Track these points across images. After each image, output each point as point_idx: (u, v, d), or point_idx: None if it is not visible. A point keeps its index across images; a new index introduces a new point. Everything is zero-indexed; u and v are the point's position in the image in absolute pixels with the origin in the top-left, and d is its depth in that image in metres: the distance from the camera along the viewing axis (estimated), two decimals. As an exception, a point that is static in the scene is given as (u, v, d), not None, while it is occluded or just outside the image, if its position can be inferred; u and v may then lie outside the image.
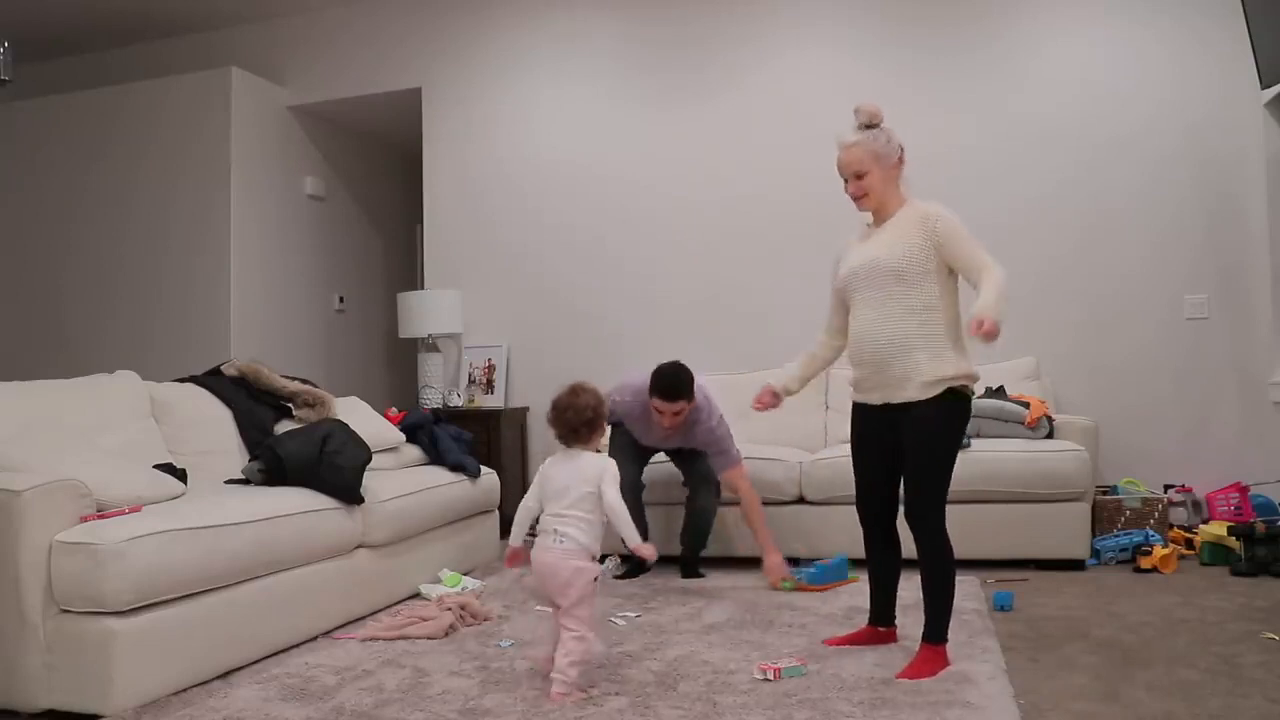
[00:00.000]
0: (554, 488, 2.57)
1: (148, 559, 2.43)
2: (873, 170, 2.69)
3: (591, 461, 2.58)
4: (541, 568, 2.51)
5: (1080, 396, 4.76)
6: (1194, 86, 4.69)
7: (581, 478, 2.55)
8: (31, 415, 2.98)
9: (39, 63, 6.78)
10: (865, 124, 2.71)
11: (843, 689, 2.46)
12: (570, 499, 2.53)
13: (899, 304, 2.64)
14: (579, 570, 2.49)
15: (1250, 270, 4.59)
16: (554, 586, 2.50)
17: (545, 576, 2.51)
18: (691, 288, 5.42)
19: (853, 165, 2.71)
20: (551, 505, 2.56)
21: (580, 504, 2.53)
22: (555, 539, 2.52)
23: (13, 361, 6.10)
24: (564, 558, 2.49)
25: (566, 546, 2.51)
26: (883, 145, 2.69)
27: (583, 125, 5.66)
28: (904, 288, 2.63)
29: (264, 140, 6.06)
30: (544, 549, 2.53)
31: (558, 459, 2.62)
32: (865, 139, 2.69)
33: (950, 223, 2.64)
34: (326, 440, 3.32)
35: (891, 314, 2.64)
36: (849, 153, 2.71)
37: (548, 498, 2.58)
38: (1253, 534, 3.71)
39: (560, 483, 2.56)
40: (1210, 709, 2.27)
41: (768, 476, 4.15)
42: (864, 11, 5.17)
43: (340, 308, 6.71)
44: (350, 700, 2.49)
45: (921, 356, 2.61)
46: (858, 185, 2.72)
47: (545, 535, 2.54)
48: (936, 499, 2.63)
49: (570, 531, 2.51)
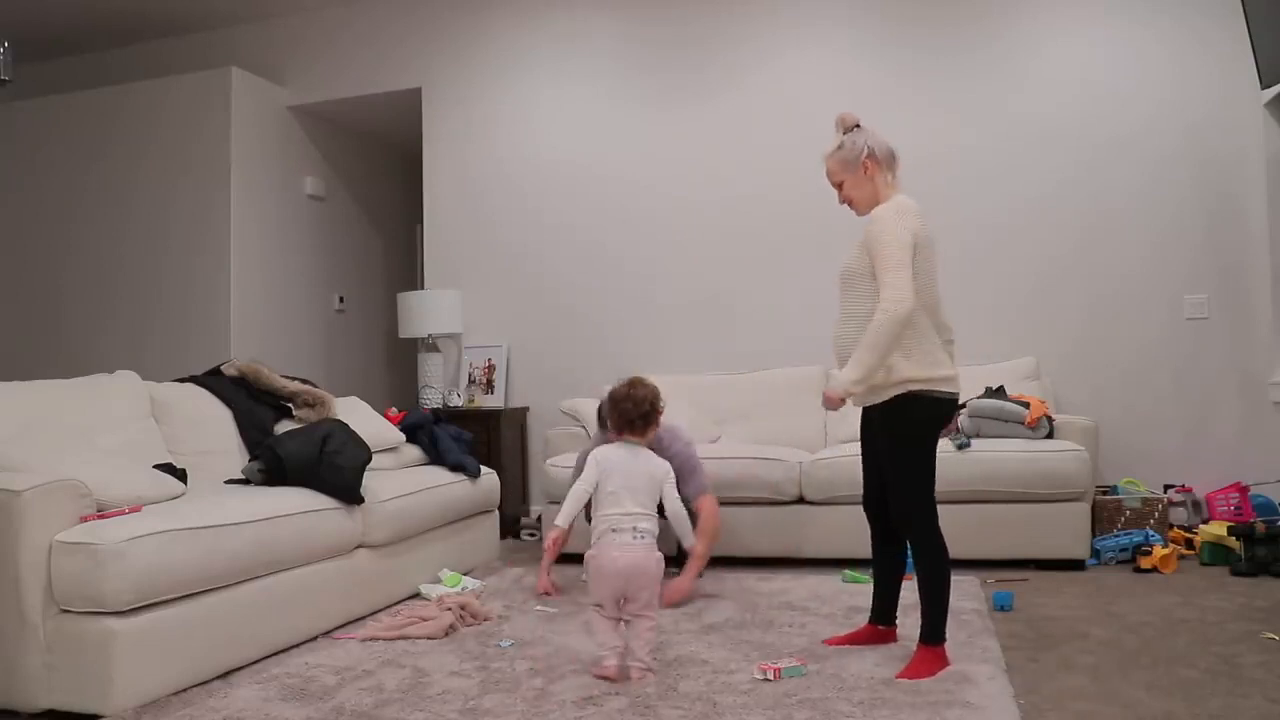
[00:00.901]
0: (622, 482, 2.55)
1: (148, 559, 2.43)
2: (845, 178, 2.75)
3: (655, 460, 2.61)
4: (626, 566, 2.47)
5: (1080, 396, 4.76)
6: (1194, 86, 4.69)
7: (650, 476, 2.57)
8: (31, 415, 2.98)
9: (39, 63, 6.78)
10: (842, 132, 2.77)
11: (843, 689, 2.45)
12: (643, 495, 2.55)
13: (851, 309, 2.68)
14: (660, 563, 2.54)
15: (1250, 270, 4.59)
16: (639, 583, 2.47)
17: (629, 575, 2.47)
18: (691, 288, 5.42)
19: (830, 176, 2.79)
20: (620, 501, 2.53)
21: (650, 501, 2.56)
22: (635, 535, 2.50)
23: (13, 361, 6.10)
24: (649, 553, 2.50)
25: (649, 542, 2.51)
26: (848, 151, 2.72)
27: (583, 125, 5.66)
28: (855, 293, 2.67)
29: (264, 140, 6.06)
30: (625, 546, 2.49)
31: (614, 450, 2.60)
32: (835, 149, 2.75)
33: (876, 225, 2.61)
34: (326, 440, 3.32)
35: (844, 318, 2.69)
36: (827, 164, 2.79)
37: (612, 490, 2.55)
38: (1253, 534, 3.71)
39: (627, 478, 2.55)
40: (1210, 709, 2.27)
41: (768, 476, 4.15)
42: (864, 12, 5.17)
43: (340, 308, 6.71)
44: (350, 700, 2.48)
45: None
46: (840, 195, 2.79)
47: (622, 533, 2.51)
48: (916, 500, 2.61)
49: (648, 527, 2.53)
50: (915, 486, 2.62)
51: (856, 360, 2.53)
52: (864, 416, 2.82)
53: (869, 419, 2.78)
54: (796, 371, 4.94)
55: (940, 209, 4.95)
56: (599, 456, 2.61)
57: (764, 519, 4.19)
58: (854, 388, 2.54)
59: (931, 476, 2.64)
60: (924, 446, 2.62)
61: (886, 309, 2.51)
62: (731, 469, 4.20)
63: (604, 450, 2.61)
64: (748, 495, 4.18)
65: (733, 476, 4.19)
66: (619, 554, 2.48)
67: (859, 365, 2.53)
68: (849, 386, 2.54)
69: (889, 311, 2.51)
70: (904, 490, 2.63)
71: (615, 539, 2.49)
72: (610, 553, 2.49)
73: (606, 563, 2.48)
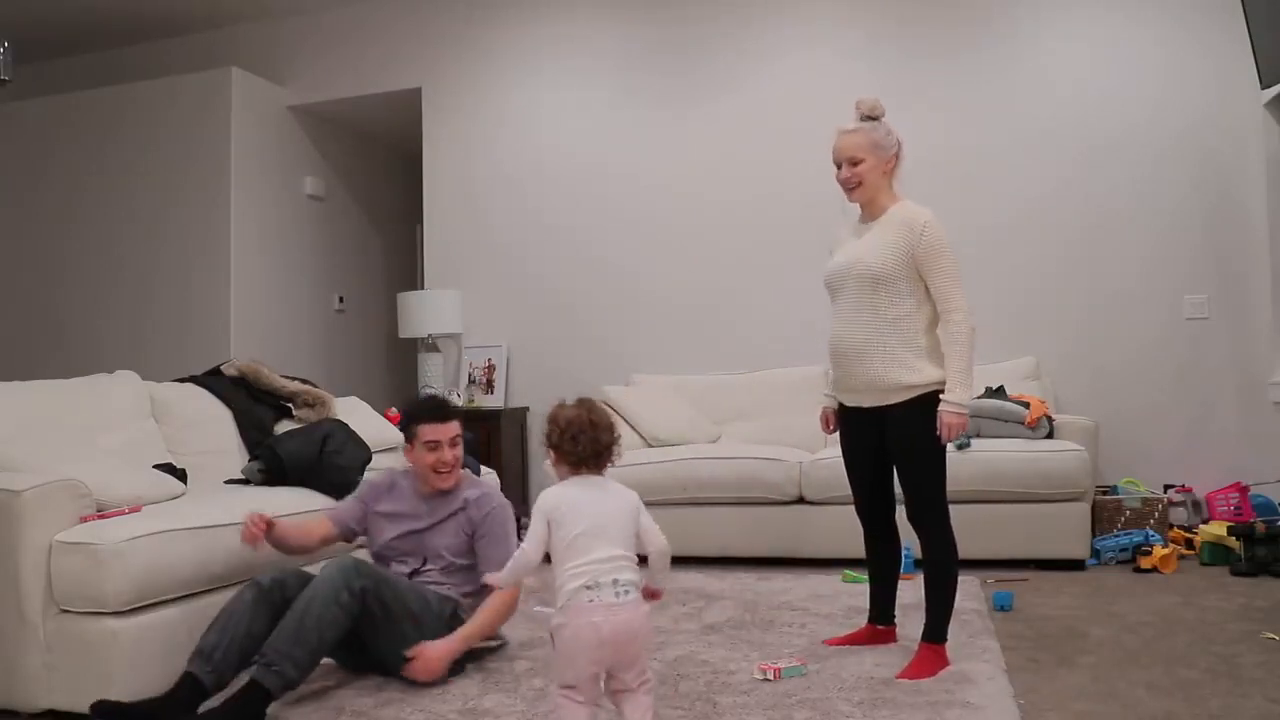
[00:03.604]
0: (591, 525, 1.98)
1: (148, 559, 2.43)
2: (868, 159, 2.69)
3: (624, 491, 2.08)
4: (612, 634, 1.91)
5: (1080, 396, 4.75)
6: (1194, 86, 4.69)
7: (624, 512, 2.03)
8: (31, 415, 2.98)
9: (39, 63, 6.78)
10: (866, 115, 2.72)
11: (843, 689, 2.46)
12: (621, 539, 2.00)
13: (873, 309, 2.64)
14: (649, 618, 2.01)
15: (1250, 270, 4.59)
16: (630, 653, 1.95)
17: (618, 644, 1.92)
18: (691, 288, 5.41)
19: (848, 150, 2.70)
20: (590, 547, 1.96)
21: (628, 543, 2.01)
22: (617, 591, 1.93)
23: (13, 361, 6.10)
24: (637, 612, 1.96)
25: (635, 597, 1.97)
26: (882, 136, 2.70)
27: (583, 126, 5.66)
28: (881, 294, 2.63)
29: (264, 140, 6.06)
30: (610, 608, 1.92)
31: (576, 489, 2.05)
32: (865, 127, 2.71)
33: (935, 237, 2.61)
34: (326, 440, 3.32)
35: (865, 319, 2.65)
36: (847, 138, 2.71)
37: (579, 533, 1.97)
38: (1253, 534, 3.71)
39: (598, 519, 1.99)
40: (1210, 709, 2.27)
41: (768, 476, 4.15)
42: (864, 14, 5.17)
43: (340, 308, 6.71)
44: (350, 700, 2.49)
45: (890, 366, 2.62)
46: (851, 172, 2.70)
47: (600, 589, 1.92)
48: (933, 500, 2.64)
49: (632, 578, 1.97)
50: (935, 484, 2.64)
51: (959, 380, 2.55)
52: (848, 418, 2.79)
53: (859, 419, 2.74)
54: (796, 371, 4.94)
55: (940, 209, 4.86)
56: (547, 505, 2.01)
57: (764, 519, 4.19)
58: (969, 401, 2.57)
59: (946, 474, 2.66)
60: (943, 444, 2.65)
61: (964, 322, 2.57)
62: (731, 469, 4.20)
63: (554, 493, 2.04)
64: (748, 495, 4.18)
65: (732, 476, 4.19)
66: (601, 619, 1.90)
67: (963, 384, 2.55)
68: (966, 402, 2.55)
69: (968, 325, 2.57)
70: (925, 488, 2.64)
71: (599, 599, 1.91)
72: (589, 619, 1.90)
73: (586, 632, 1.90)
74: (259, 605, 2.46)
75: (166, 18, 6.25)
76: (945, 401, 2.56)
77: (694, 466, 4.27)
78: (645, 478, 4.16)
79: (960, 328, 2.57)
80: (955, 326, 2.57)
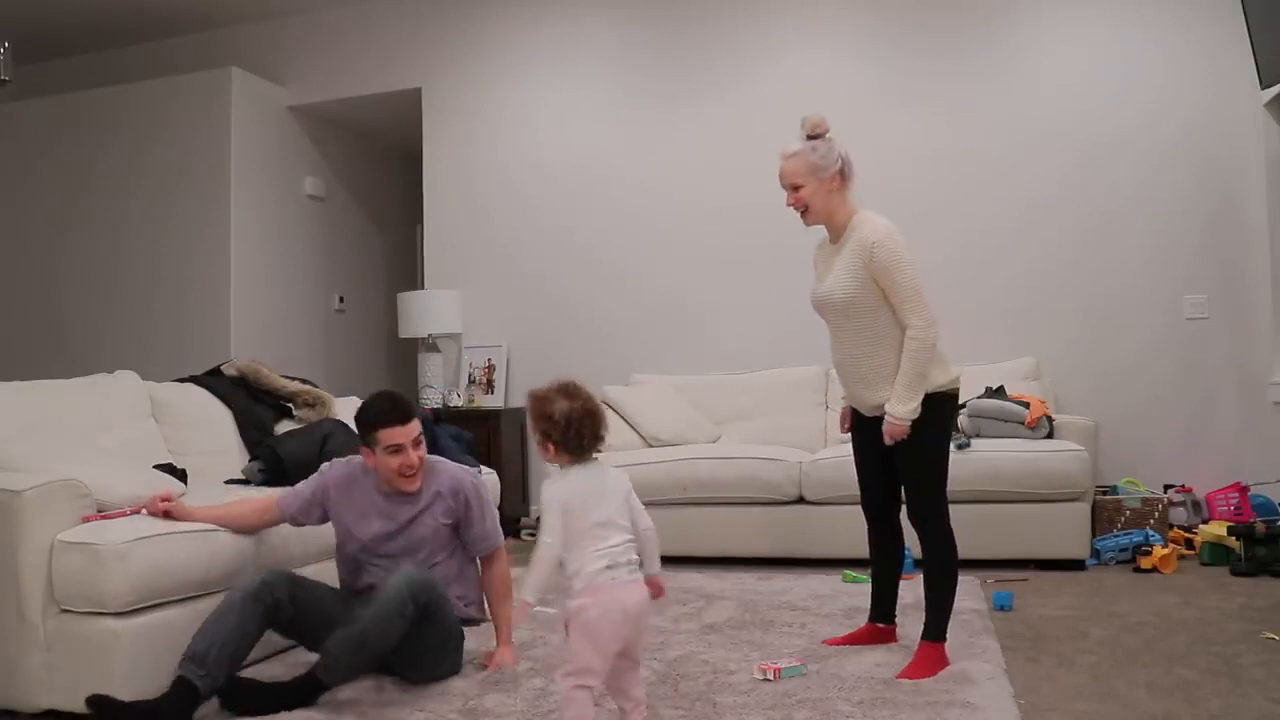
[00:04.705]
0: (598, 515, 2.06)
1: (148, 559, 2.43)
2: (807, 182, 2.66)
3: (617, 473, 2.16)
4: (636, 607, 2.03)
5: (1080, 396, 4.76)
6: (1193, 86, 4.69)
7: (621, 495, 2.12)
8: (31, 415, 2.98)
9: (39, 63, 6.78)
10: (809, 134, 2.68)
11: (843, 689, 2.45)
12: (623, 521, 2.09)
13: (856, 333, 2.67)
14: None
15: (1250, 270, 4.59)
16: (644, 625, 2.08)
17: (639, 616, 2.04)
18: (692, 288, 5.41)
19: (787, 177, 2.68)
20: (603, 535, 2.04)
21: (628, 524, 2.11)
22: (630, 569, 2.05)
23: (13, 361, 6.10)
24: (644, 589, 2.08)
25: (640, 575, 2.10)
26: (819, 158, 2.65)
27: (583, 126, 5.66)
28: (859, 318, 2.65)
29: (264, 140, 6.06)
30: (627, 585, 2.03)
31: (579, 477, 2.11)
32: (805, 150, 2.66)
33: (887, 253, 2.58)
34: (326, 440, 3.32)
35: (850, 340, 2.68)
36: (786, 164, 2.68)
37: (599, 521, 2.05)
38: (1253, 534, 3.71)
39: (604, 505, 2.08)
40: (1210, 709, 2.27)
41: (768, 476, 4.15)
42: (864, 15, 5.17)
43: (340, 308, 6.71)
44: (350, 700, 2.48)
45: (881, 385, 2.64)
46: (794, 198, 2.69)
47: (618, 569, 2.03)
48: (933, 499, 2.64)
49: (635, 558, 2.09)
50: (936, 484, 2.65)
51: (901, 396, 2.55)
52: (858, 419, 2.82)
53: (865, 420, 2.76)
54: (796, 371, 4.94)
55: (940, 210, 4.95)
56: (563, 497, 2.06)
57: (764, 519, 4.19)
58: (912, 416, 2.56)
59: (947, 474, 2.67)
60: (945, 444, 2.67)
61: (919, 338, 2.55)
62: (731, 469, 4.20)
63: (564, 484, 2.09)
64: (748, 495, 4.18)
65: (732, 476, 4.19)
66: (624, 596, 2.01)
67: (910, 396, 2.55)
68: (908, 416, 2.56)
69: (923, 340, 2.55)
70: (926, 488, 2.65)
71: (617, 576, 2.02)
72: (613, 595, 2.00)
73: (614, 607, 1.99)
74: (249, 607, 2.46)
75: (166, 18, 6.25)
76: (887, 412, 2.58)
77: (694, 466, 4.27)
78: (645, 478, 4.15)
79: (913, 342, 2.57)
80: (910, 341, 2.57)
